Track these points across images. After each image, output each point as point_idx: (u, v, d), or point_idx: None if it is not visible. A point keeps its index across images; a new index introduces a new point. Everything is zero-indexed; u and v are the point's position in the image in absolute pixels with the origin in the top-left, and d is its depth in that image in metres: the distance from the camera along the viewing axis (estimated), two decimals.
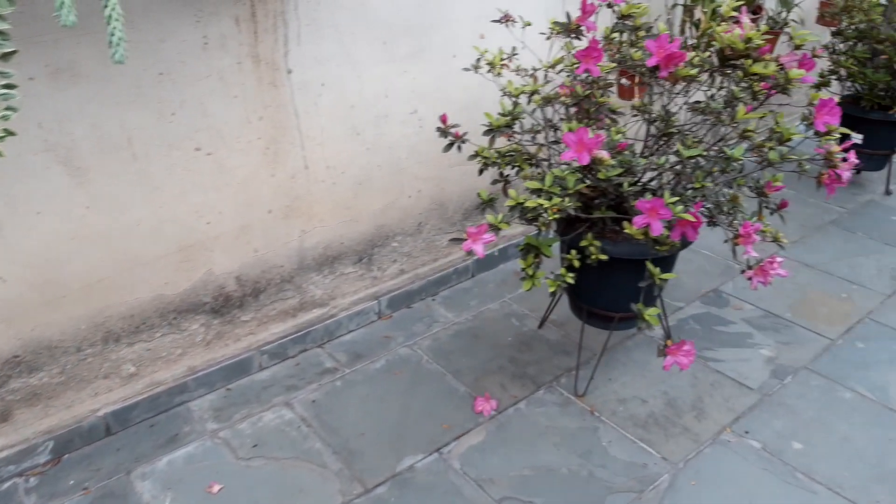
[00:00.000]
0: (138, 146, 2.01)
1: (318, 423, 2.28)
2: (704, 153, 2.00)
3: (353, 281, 2.71)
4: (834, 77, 3.69)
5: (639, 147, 2.25)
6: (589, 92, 1.97)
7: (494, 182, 2.31)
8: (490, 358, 2.59)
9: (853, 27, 3.51)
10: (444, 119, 2.02)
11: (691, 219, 1.79)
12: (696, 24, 3.09)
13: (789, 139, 1.91)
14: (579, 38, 1.87)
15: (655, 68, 1.78)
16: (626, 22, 1.88)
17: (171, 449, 2.17)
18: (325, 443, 2.20)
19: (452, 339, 2.70)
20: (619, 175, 1.92)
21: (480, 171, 2.26)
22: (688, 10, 3.06)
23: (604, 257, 2.06)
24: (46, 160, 1.87)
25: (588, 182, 1.99)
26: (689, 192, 1.93)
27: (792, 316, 2.84)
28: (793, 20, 3.53)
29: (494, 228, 1.94)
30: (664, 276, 1.96)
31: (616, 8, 1.87)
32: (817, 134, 1.82)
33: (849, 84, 3.65)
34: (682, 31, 3.12)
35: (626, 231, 1.86)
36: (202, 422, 2.28)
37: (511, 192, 1.97)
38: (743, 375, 2.50)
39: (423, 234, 2.87)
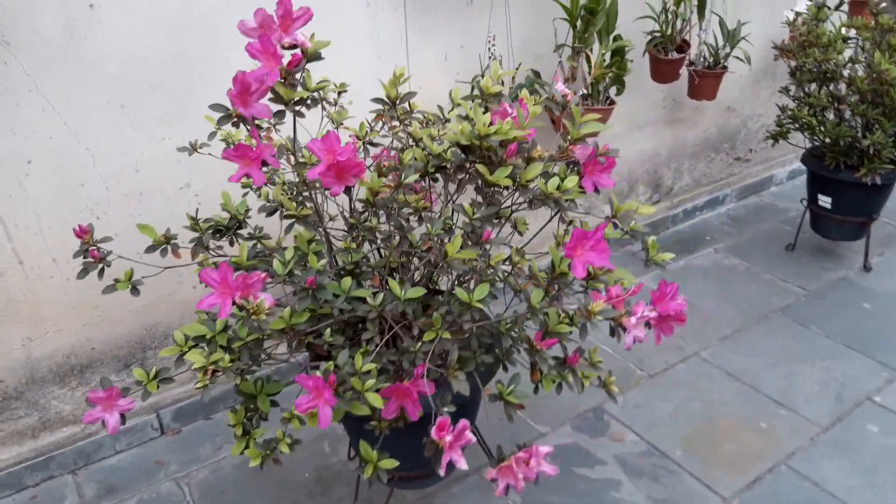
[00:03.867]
0: None
1: None
2: (463, 277, 1.40)
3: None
4: (794, 126, 2.98)
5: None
6: (301, 199, 1.39)
7: None
8: None
9: (808, 67, 2.77)
10: (79, 232, 1.47)
11: (378, 403, 1.19)
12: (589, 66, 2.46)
13: (564, 274, 1.28)
14: (261, 129, 1.29)
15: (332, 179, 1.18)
16: (280, 109, 1.28)
17: None
18: None
19: (236, 471, 2.15)
20: (311, 319, 1.34)
21: None
22: (577, 53, 2.42)
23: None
24: None
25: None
26: (420, 345, 1.33)
27: (683, 455, 2.17)
28: (737, 57, 2.83)
29: (142, 390, 1.39)
30: (384, 463, 1.37)
31: (282, 91, 1.27)
32: (579, 279, 1.20)
33: (808, 136, 2.92)
34: (573, 79, 2.49)
35: (283, 415, 1.29)
36: None
37: (176, 332, 1.41)
38: None
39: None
